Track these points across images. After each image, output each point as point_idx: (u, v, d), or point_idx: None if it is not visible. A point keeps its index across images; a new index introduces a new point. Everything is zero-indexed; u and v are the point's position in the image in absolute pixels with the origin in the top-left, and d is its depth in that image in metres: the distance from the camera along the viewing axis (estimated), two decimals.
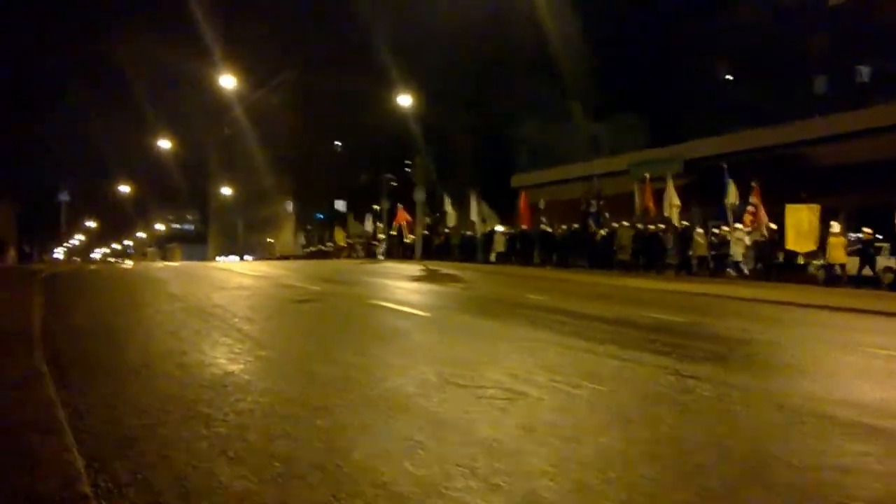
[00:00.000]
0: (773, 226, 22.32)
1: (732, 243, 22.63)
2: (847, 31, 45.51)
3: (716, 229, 24.18)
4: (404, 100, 34.72)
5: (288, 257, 55.05)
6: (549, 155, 51.62)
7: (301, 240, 58.62)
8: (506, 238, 31.59)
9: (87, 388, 5.76)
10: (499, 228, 32.82)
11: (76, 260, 73.40)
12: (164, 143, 50.44)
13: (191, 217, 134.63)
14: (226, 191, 79.56)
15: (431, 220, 37.01)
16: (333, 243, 49.04)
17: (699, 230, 24.33)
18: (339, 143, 75.39)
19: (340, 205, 66.60)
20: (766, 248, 22.33)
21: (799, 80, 48.32)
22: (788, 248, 21.88)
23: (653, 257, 25.39)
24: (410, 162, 35.72)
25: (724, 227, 23.70)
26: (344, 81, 67.08)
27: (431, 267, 26.05)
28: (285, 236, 71.02)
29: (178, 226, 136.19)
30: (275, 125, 76.70)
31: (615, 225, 26.94)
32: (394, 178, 37.87)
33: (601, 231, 27.69)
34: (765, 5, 49.97)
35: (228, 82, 32.09)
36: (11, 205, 73.76)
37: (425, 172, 33.88)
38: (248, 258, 72.90)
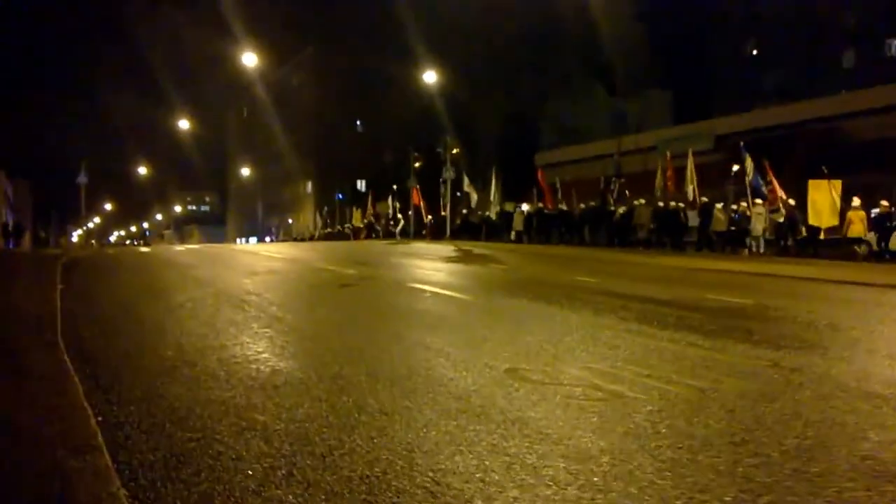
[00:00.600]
0: (791, 202, 22.19)
1: (753, 219, 22.37)
2: (875, 4, 44.24)
3: (735, 206, 23.84)
4: (429, 76, 33.89)
5: (306, 239, 54.64)
6: (574, 133, 50.75)
7: (318, 221, 58.18)
8: (524, 217, 30.89)
9: (120, 391, 5.11)
10: (524, 207, 32.10)
11: (92, 243, 73.20)
12: (183, 124, 49.66)
13: (209, 199, 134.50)
14: (245, 171, 78.86)
15: (448, 200, 36.47)
16: (351, 224, 48.61)
17: (719, 206, 23.96)
18: (359, 123, 74.45)
19: (361, 185, 65.93)
20: (784, 224, 22.17)
21: (827, 55, 47.07)
22: (811, 223, 21.67)
23: (673, 234, 25.03)
24: (440, 141, 35.09)
25: (743, 204, 23.33)
26: (367, 60, 66.23)
27: (458, 247, 25.35)
28: (305, 217, 70.43)
29: (195, 207, 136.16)
30: (296, 104, 75.84)
31: (634, 203, 26.57)
32: (420, 157, 37.18)
33: (620, 209, 27.10)
34: None
35: (250, 60, 31.29)
36: (28, 187, 73.63)
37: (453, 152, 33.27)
38: (268, 240, 72.57)
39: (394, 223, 41.47)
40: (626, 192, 28.59)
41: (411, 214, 39.32)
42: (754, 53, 52.08)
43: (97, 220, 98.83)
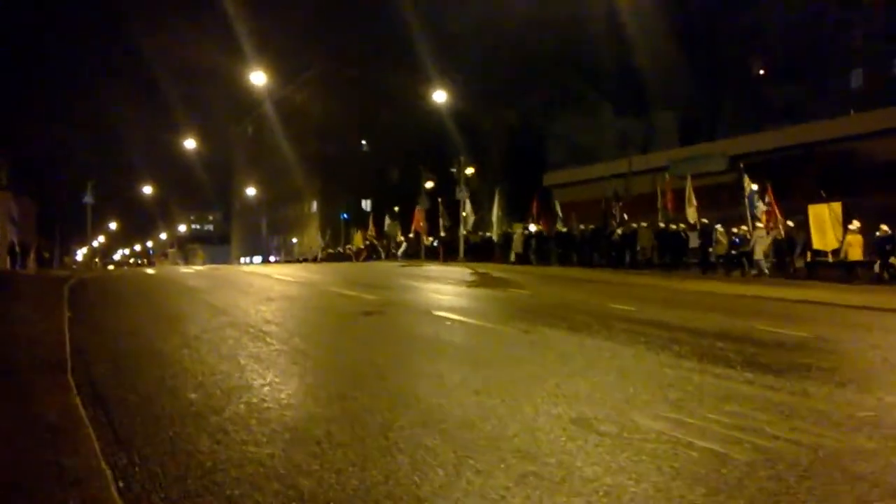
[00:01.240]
0: (790, 223, 21.97)
1: (755, 242, 22.07)
2: (882, 25, 43.95)
3: (735, 228, 23.47)
4: (438, 96, 33.44)
5: (309, 259, 53.91)
6: (581, 151, 50.27)
7: (320, 241, 57.62)
8: (523, 238, 30.39)
9: (141, 446, 4.48)
10: (532, 227, 31.49)
11: (96, 262, 72.51)
12: (189, 143, 49.11)
13: (212, 217, 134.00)
14: (251, 191, 78.31)
15: (449, 222, 35.88)
16: (352, 245, 47.98)
17: (719, 228, 23.61)
18: (364, 143, 73.97)
19: (367, 205, 65.43)
20: (783, 246, 21.91)
21: (834, 74, 46.64)
22: (816, 247, 21.39)
23: (674, 255, 24.84)
24: (452, 161, 34.57)
25: (742, 227, 23.02)
26: (374, 77, 65.96)
27: (473, 269, 24.71)
28: (309, 236, 69.75)
29: (198, 226, 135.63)
30: (302, 122, 75.37)
31: (633, 225, 26.34)
32: (433, 176, 36.59)
33: (618, 231, 26.75)
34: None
35: (259, 78, 30.75)
36: (31, 205, 73.02)
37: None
38: (272, 260, 71.90)
39: (395, 245, 40.98)
40: (625, 216, 28.07)
41: (412, 236, 38.80)
42: (761, 73, 51.61)
43: (101, 238, 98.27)
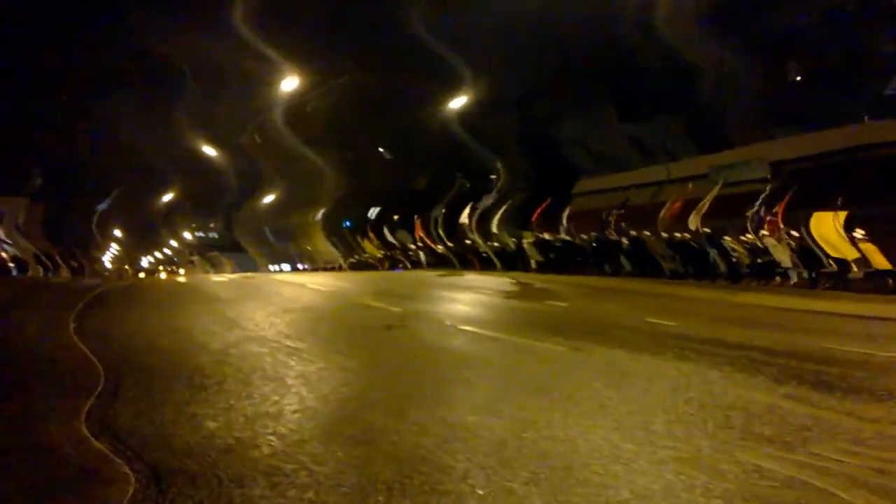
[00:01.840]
0: (794, 232, 20.90)
1: (775, 251, 21.19)
2: None
3: (742, 237, 22.61)
4: (457, 102, 33.16)
5: (335, 268, 53.74)
6: (597, 158, 49.48)
7: (333, 250, 57.62)
8: (536, 248, 29.95)
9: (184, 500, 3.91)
10: (546, 237, 31.05)
11: (126, 269, 72.60)
12: (209, 150, 48.77)
13: (213, 225, 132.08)
14: (268, 199, 77.95)
15: (473, 232, 35.78)
16: (370, 254, 47.68)
17: (727, 238, 22.79)
18: (382, 150, 73.39)
19: (373, 212, 65.11)
20: (809, 255, 20.84)
21: (866, 81, 45.56)
22: (833, 255, 20.31)
23: (697, 266, 24.01)
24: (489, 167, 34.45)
25: (748, 235, 22.15)
26: (390, 83, 65.41)
27: (509, 279, 24.18)
28: (317, 244, 69.30)
29: (202, 234, 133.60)
30: (308, 128, 74.72)
31: (633, 233, 25.67)
32: (467, 182, 36.34)
33: (624, 240, 26.09)
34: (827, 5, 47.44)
35: (290, 84, 30.42)
36: (42, 211, 73.10)
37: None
38: (300, 267, 71.45)
39: (412, 253, 40.80)
40: (623, 224, 27.34)
41: (421, 244, 38.56)
42: (797, 79, 50.55)
43: (115, 247, 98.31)
